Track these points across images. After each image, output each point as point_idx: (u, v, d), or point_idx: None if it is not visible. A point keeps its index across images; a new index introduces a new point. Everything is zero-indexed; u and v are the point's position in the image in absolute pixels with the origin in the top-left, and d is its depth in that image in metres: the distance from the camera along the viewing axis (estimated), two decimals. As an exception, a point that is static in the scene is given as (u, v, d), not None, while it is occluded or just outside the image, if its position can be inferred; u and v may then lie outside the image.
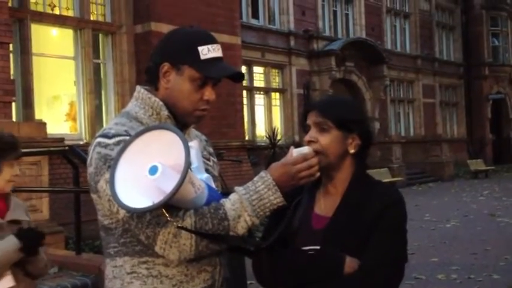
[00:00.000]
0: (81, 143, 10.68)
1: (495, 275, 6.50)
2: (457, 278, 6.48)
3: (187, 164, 1.37)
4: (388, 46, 23.86)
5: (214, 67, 1.65)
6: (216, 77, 1.66)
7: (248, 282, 4.91)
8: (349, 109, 1.77)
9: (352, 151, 1.75)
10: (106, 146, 1.58)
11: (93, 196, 1.64)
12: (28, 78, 10.38)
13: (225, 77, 1.68)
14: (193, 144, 1.63)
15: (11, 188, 2.52)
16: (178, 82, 1.66)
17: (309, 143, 1.70)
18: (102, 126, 11.56)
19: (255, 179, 1.59)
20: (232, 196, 1.57)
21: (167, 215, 1.46)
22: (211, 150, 1.88)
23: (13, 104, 8.77)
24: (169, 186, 1.36)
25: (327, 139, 1.71)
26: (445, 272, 6.73)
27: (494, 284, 6.19)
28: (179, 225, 1.49)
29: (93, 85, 11.52)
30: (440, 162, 22.32)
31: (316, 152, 1.67)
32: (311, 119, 1.74)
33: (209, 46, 1.65)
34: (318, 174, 1.63)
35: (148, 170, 1.40)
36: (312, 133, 1.72)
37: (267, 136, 17.18)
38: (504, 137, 29.86)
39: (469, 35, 28.56)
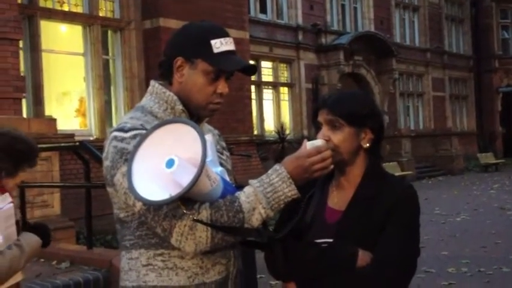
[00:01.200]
0: (91, 138, 10.75)
1: (505, 268, 6.49)
2: (467, 271, 6.48)
3: (204, 157, 1.39)
4: (397, 39, 23.76)
5: (227, 60, 1.66)
6: (229, 69, 1.67)
7: (258, 276, 4.93)
8: (360, 104, 1.75)
9: (366, 145, 1.74)
10: (122, 139, 1.59)
11: (109, 190, 1.66)
12: (38, 75, 10.44)
13: (237, 70, 1.70)
14: (208, 138, 1.65)
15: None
16: (191, 76, 1.67)
17: None
18: (111, 121, 11.63)
19: (269, 171, 1.60)
20: (247, 189, 1.58)
21: (183, 207, 1.48)
22: (223, 144, 1.90)
23: (23, 100, 8.84)
24: (186, 179, 1.38)
25: (340, 137, 1.70)
26: (455, 266, 6.73)
27: (504, 277, 6.18)
28: (195, 217, 1.50)
29: (103, 81, 11.58)
30: (450, 156, 22.23)
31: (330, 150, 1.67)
32: (322, 117, 1.74)
33: (222, 39, 1.66)
34: (332, 166, 1.63)
35: (165, 163, 1.41)
36: (324, 131, 1.72)
37: (276, 131, 17.19)
38: (514, 130, 29.67)
39: (479, 27, 28.38)
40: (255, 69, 1.80)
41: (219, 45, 1.65)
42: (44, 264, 4.85)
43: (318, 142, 1.63)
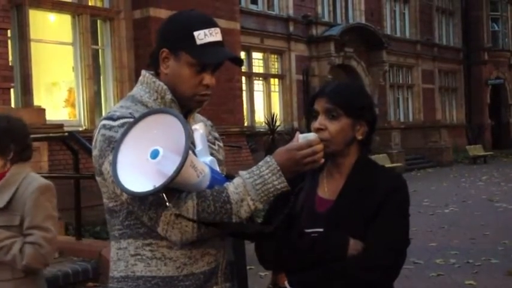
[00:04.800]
0: (80, 129, 10.68)
1: (493, 260, 6.54)
2: (456, 262, 6.52)
3: (187, 148, 1.38)
4: (388, 31, 23.76)
5: (211, 52, 1.64)
6: (211, 62, 1.65)
7: (248, 267, 4.93)
8: (358, 96, 1.77)
9: (360, 138, 1.75)
10: (111, 128, 1.59)
11: (98, 179, 1.65)
12: (26, 65, 10.34)
13: (222, 61, 1.68)
14: (199, 127, 1.64)
15: None
16: (176, 68, 1.66)
17: (318, 130, 1.70)
18: (101, 112, 11.55)
19: (260, 163, 1.59)
20: (236, 180, 1.57)
21: (166, 199, 1.47)
22: (216, 135, 1.89)
23: (12, 90, 8.75)
24: (170, 170, 1.37)
25: (336, 126, 1.70)
26: (443, 257, 6.77)
27: (492, 268, 6.23)
28: (177, 212, 1.49)
29: (92, 71, 11.49)
30: (439, 148, 22.34)
31: (325, 140, 1.67)
32: (320, 106, 1.73)
33: (206, 30, 1.64)
34: (323, 160, 1.62)
35: (149, 153, 1.41)
36: (321, 120, 1.71)
37: (266, 122, 17.17)
38: (503, 123, 29.86)
39: (469, 19, 28.44)
40: (241, 61, 1.78)
41: (203, 36, 1.63)
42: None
43: (311, 135, 1.62)
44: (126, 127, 1.49)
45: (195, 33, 1.63)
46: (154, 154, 1.40)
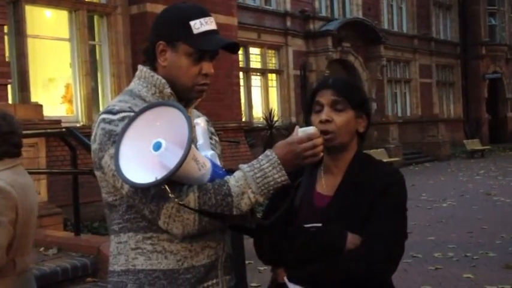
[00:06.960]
0: (78, 125, 10.66)
1: (491, 253, 6.56)
2: (454, 256, 6.54)
3: (190, 141, 1.39)
4: (385, 26, 23.76)
5: (208, 40, 1.66)
6: (210, 49, 1.67)
7: (246, 261, 4.94)
8: (360, 90, 1.82)
9: (361, 130, 1.78)
10: (110, 121, 1.59)
11: (97, 173, 1.65)
12: (23, 61, 10.32)
13: (220, 48, 1.69)
14: (200, 121, 1.66)
15: None
16: (174, 59, 1.67)
17: (326, 122, 1.71)
18: (98, 108, 11.54)
19: (260, 157, 1.60)
20: (237, 173, 1.58)
21: (169, 191, 1.47)
22: (212, 130, 1.90)
23: (9, 86, 8.73)
24: (172, 162, 1.38)
25: (343, 118, 1.72)
26: (441, 251, 6.79)
27: (490, 261, 6.25)
28: (180, 202, 1.50)
29: (89, 67, 11.47)
30: (437, 142, 22.37)
31: (331, 132, 1.69)
32: (325, 98, 1.74)
33: (201, 20, 1.66)
34: (322, 154, 1.64)
35: (152, 145, 1.41)
36: (328, 112, 1.73)
37: (264, 117, 17.17)
38: (500, 117, 29.91)
39: (466, 14, 28.45)
40: (238, 47, 1.79)
41: (199, 25, 1.65)
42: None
43: (310, 129, 1.64)
44: (129, 119, 1.49)
45: (191, 23, 1.64)
46: (157, 146, 1.41)
